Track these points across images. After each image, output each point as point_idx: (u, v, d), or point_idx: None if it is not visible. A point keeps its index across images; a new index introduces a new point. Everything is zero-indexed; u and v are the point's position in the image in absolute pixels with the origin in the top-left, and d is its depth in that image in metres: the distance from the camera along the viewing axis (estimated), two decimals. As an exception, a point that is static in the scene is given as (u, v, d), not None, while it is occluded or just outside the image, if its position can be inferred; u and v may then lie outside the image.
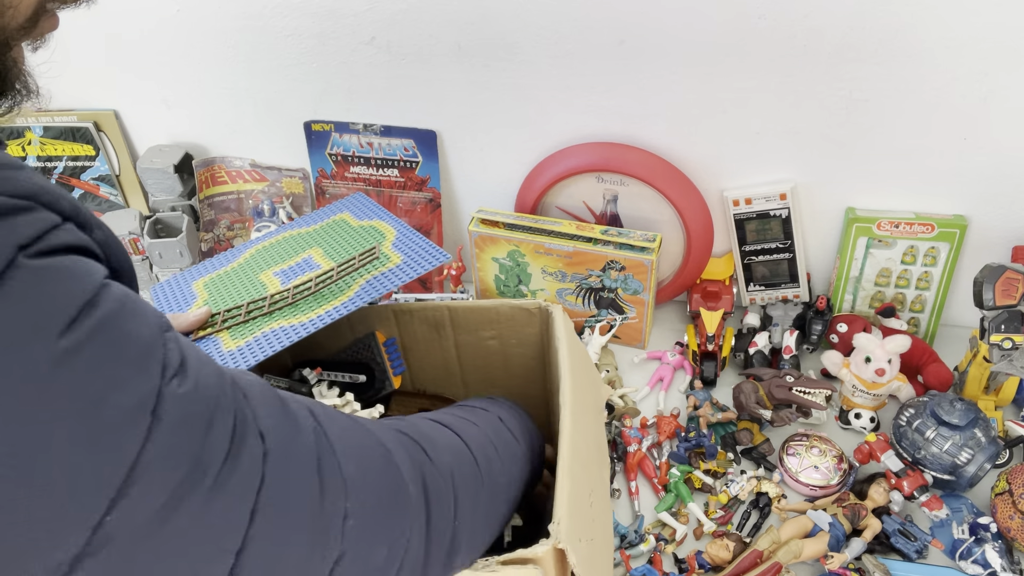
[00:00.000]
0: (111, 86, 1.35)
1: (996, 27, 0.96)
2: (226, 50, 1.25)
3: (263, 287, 0.93)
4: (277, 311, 0.86)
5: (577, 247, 1.20)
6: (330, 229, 1.01)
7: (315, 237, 1.00)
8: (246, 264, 0.99)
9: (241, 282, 0.96)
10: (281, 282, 0.93)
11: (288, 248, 1.00)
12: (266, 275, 0.95)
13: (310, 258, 0.96)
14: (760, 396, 1.09)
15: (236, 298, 0.92)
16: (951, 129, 1.07)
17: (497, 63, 1.16)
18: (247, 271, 0.97)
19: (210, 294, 0.95)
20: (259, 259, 0.99)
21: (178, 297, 0.96)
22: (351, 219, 1.02)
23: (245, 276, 0.97)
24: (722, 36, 1.05)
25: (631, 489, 1.07)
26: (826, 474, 1.03)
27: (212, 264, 1.02)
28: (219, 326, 0.86)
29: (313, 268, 0.93)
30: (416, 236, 0.95)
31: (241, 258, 1.01)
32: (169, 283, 0.99)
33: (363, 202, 1.06)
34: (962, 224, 1.13)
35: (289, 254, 0.98)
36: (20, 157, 1.43)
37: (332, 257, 0.95)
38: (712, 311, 1.24)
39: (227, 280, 0.97)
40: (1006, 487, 0.96)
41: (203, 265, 1.02)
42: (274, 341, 0.81)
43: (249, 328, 0.85)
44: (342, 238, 0.98)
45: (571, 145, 1.23)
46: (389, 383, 0.95)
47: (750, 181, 1.20)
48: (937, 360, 1.15)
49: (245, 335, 0.84)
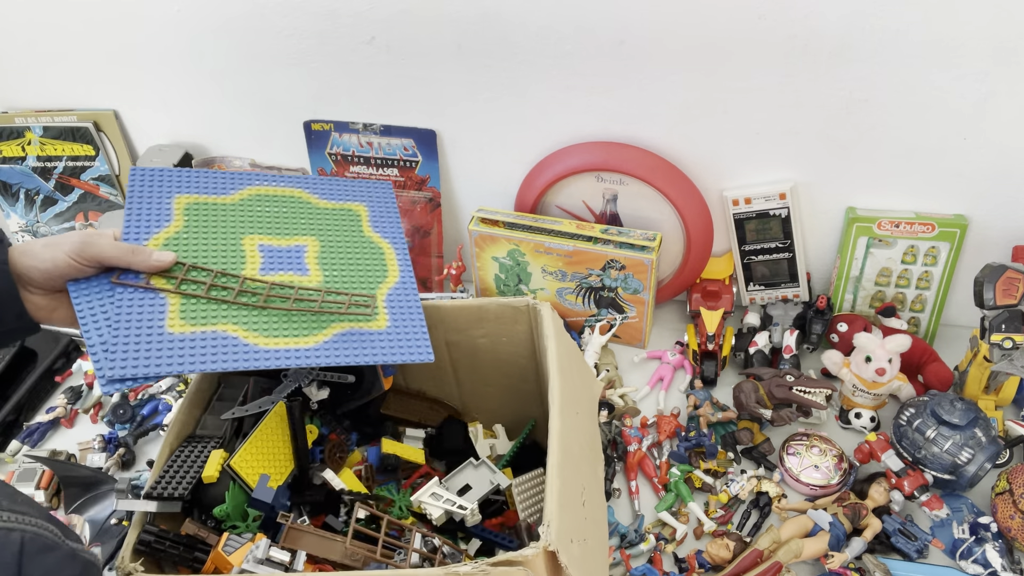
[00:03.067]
0: (111, 86, 1.35)
1: (996, 27, 0.96)
2: (226, 50, 1.25)
3: (241, 259, 0.84)
4: (242, 305, 0.80)
5: (577, 246, 1.20)
6: (338, 222, 0.92)
7: (319, 222, 0.91)
8: (236, 211, 0.88)
9: (223, 238, 0.85)
10: (262, 263, 0.84)
11: (287, 218, 0.90)
12: (250, 243, 0.86)
13: (302, 250, 0.87)
14: (760, 395, 1.09)
15: (210, 256, 0.83)
16: (951, 129, 1.07)
17: (497, 63, 1.16)
18: (233, 226, 0.87)
19: (186, 225, 0.84)
20: (252, 213, 0.88)
21: (153, 211, 0.84)
22: (365, 220, 0.94)
23: (229, 232, 0.86)
24: (722, 36, 1.05)
25: (631, 489, 1.07)
26: (826, 473, 1.03)
27: (203, 181, 0.89)
28: (176, 284, 0.78)
29: (301, 268, 0.86)
30: (413, 297, 0.89)
31: (236, 195, 0.89)
32: (150, 186, 0.86)
33: (385, 203, 0.97)
34: (962, 224, 1.13)
35: (284, 228, 0.89)
36: (20, 157, 1.43)
37: (324, 266, 0.87)
38: (712, 310, 1.24)
39: (210, 220, 0.86)
40: (1006, 487, 0.96)
41: (195, 177, 0.89)
42: (220, 352, 0.75)
43: (204, 311, 0.78)
44: (345, 247, 0.90)
45: (571, 145, 1.23)
46: (379, 385, 0.94)
47: (750, 181, 1.20)
48: (937, 360, 1.15)
49: (196, 321, 0.77)
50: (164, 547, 0.73)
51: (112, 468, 1.14)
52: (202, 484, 0.79)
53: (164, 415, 1.21)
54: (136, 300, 0.76)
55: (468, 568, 0.63)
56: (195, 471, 0.80)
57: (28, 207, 1.49)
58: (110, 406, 1.22)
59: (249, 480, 0.78)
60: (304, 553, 0.72)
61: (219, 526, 0.79)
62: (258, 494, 0.76)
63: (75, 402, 1.26)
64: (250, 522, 0.79)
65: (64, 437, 1.22)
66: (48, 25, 1.28)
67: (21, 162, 1.43)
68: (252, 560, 0.70)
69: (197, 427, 0.88)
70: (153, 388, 1.25)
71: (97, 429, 1.22)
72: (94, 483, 1.08)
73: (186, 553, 0.74)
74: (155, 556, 0.74)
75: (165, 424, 1.20)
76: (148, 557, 0.73)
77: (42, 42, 1.31)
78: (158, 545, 0.73)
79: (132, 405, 1.22)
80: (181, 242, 0.82)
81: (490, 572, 0.62)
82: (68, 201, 1.47)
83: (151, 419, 1.21)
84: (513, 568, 0.63)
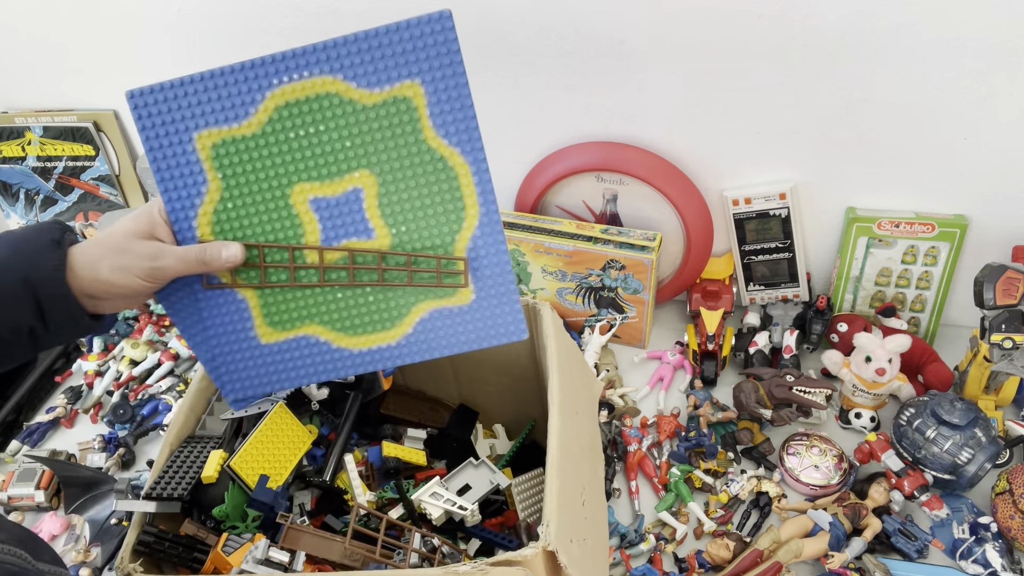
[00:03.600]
0: (111, 86, 1.35)
1: (996, 27, 0.96)
2: (226, 50, 1.25)
3: (298, 224, 0.71)
4: (328, 286, 0.70)
5: (577, 246, 1.20)
6: (391, 128, 0.69)
7: (368, 138, 0.70)
8: (267, 146, 0.71)
9: (267, 197, 0.71)
10: (321, 228, 0.71)
11: (328, 141, 0.70)
12: (299, 197, 0.71)
13: (359, 195, 0.70)
14: (760, 395, 1.09)
15: (263, 227, 0.70)
16: (951, 129, 1.07)
17: (497, 63, 1.16)
18: (273, 175, 0.71)
19: (225, 185, 0.71)
20: (286, 145, 0.70)
21: (181, 167, 0.71)
22: (423, 114, 0.69)
23: (272, 186, 0.71)
24: (722, 36, 1.05)
25: (631, 489, 1.07)
26: (826, 473, 1.03)
27: (216, 100, 0.71)
28: (260, 277, 0.69)
29: (362, 226, 0.70)
30: (500, 247, 0.71)
31: (257, 116, 0.70)
32: (162, 124, 0.72)
33: (448, 70, 0.69)
34: (962, 224, 1.13)
35: (330, 166, 0.70)
36: (20, 157, 1.43)
37: (388, 216, 0.70)
38: (712, 310, 1.24)
39: (245, 168, 0.71)
40: (1006, 487, 0.96)
41: (204, 96, 0.71)
42: (311, 362, 0.70)
43: (285, 310, 0.71)
44: (407, 174, 0.70)
45: (571, 145, 1.23)
46: (379, 384, 0.94)
47: (750, 181, 1.20)
48: (937, 360, 1.15)
49: (280, 324, 0.70)
50: (163, 547, 0.73)
51: (112, 468, 1.14)
52: (201, 484, 0.79)
53: (164, 415, 1.21)
54: (222, 306, 0.72)
55: (467, 568, 0.62)
56: (194, 471, 0.80)
57: (28, 207, 1.49)
58: (110, 406, 1.22)
59: (249, 480, 0.78)
60: (303, 553, 0.72)
61: (218, 526, 0.79)
62: (258, 494, 0.76)
63: (75, 402, 1.26)
64: (249, 522, 0.79)
65: (64, 437, 1.22)
66: (48, 25, 1.28)
67: (21, 162, 1.43)
68: (251, 560, 0.70)
69: (197, 427, 0.88)
70: (153, 388, 1.25)
71: (97, 429, 1.22)
72: (94, 483, 1.08)
73: (185, 553, 0.74)
74: (154, 556, 0.74)
75: (165, 424, 1.20)
76: (147, 557, 0.73)
77: (42, 42, 1.31)
78: (157, 545, 0.73)
79: (132, 405, 1.22)
80: (229, 215, 0.70)
81: (489, 572, 0.62)
82: (68, 201, 1.48)
83: (151, 419, 1.21)
84: (512, 568, 0.63)
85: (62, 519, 1.08)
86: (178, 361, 1.30)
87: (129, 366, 1.29)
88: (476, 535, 0.86)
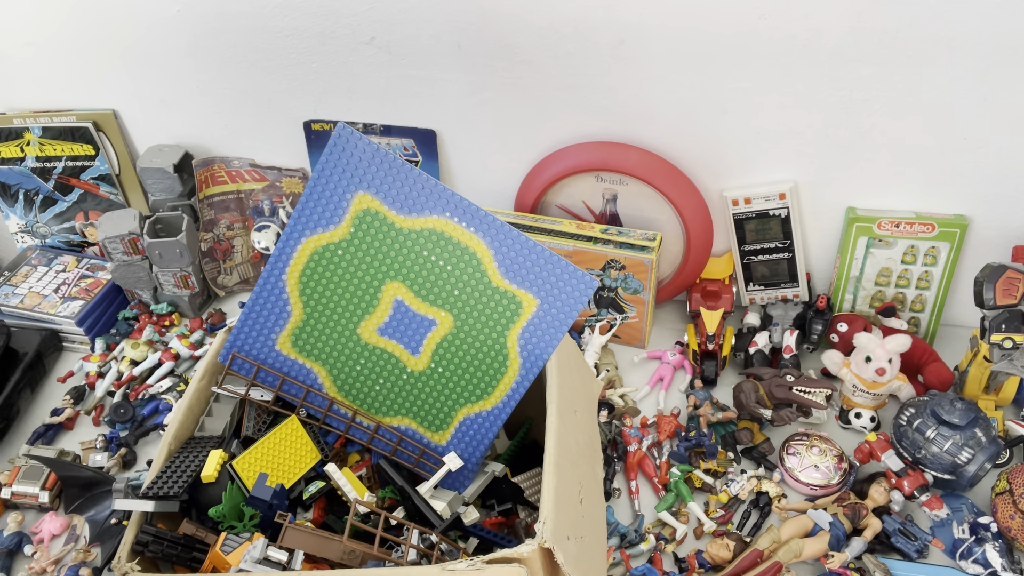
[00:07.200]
0: (111, 86, 1.35)
1: (996, 27, 0.96)
2: (226, 50, 1.25)
3: (371, 304, 0.78)
4: (355, 354, 0.81)
5: (577, 246, 1.20)
6: (493, 313, 0.78)
7: (472, 303, 0.78)
8: (403, 245, 0.77)
9: (369, 272, 0.77)
10: (387, 320, 0.79)
11: (443, 281, 0.77)
12: (388, 291, 0.78)
13: (431, 325, 0.79)
14: (760, 395, 1.09)
15: (347, 286, 0.78)
16: (951, 129, 1.07)
17: (497, 63, 1.16)
18: (389, 263, 0.77)
19: (352, 235, 0.77)
20: (415, 256, 0.77)
21: (331, 199, 0.76)
22: (522, 320, 0.78)
23: (380, 268, 0.78)
24: (722, 36, 1.05)
25: (631, 488, 1.07)
26: (826, 473, 1.03)
27: (395, 186, 0.75)
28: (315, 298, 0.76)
29: (415, 345, 0.79)
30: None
31: (416, 221, 0.76)
32: (345, 161, 0.76)
33: (568, 306, 0.79)
34: (962, 224, 1.13)
35: (432, 292, 0.78)
36: (19, 158, 1.43)
37: (438, 355, 0.81)
38: (712, 310, 1.24)
39: (373, 240, 0.77)
40: (1006, 487, 0.96)
41: (390, 174, 0.76)
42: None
43: (317, 341, 0.82)
44: (474, 347, 0.79)
45: (571, 144, 1.23)
46: None
47: (750, 181, 1.20)
48: (937, 360, 1.15)
49: (302, 350, 0.81)
50: (162, 547, 0.73)
51: (113, 468, 1.14)
52: (201, 484, 0.79)
53: (164, 415, 1.21)
54: (272, 300, 0.81)
55: (464, 565, 0.62)
56: (193, 471, 0.80)
57: (27, 207, 1.49)
58: (111, 406, 1.22)
59: (248, 482, 0.78)
60: (302, 552, 0.72)
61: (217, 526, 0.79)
62: (256, 492, 0.76)
63: (78, 403, 1.25)
64: (247, 521, 0.79)
65: (65, 437, 1.22)
66: (48, 25, 1.28)
67: (20, 163, 1.43)
68: (249, 560, 0.70)
69: (196, 428, 0.88)
70: (153, 388, 1.25)
71: (97, 430, 1.22)
72: (94, 483, 1.08)
73: (184, 553, 0.74)
74: (153, 556, 0.73)
75: (165, 424, 1.20)
76: (145, 557, 0.73)
77: (42, 42, 1.31)
78: (156, 545, 0.73)
79: (132, 405, 1.22)
80: (335, 254, 0.77)
81: (486, 569, 0.62)
82: (68, 201, 1.47)
83: (151, 419, 1.21)
84: (509, 565, 0.63)
85: (62, 519, 1.08)
86: (178, 361, 1.30)
87: (129, 366, 1.29)
88: (474, 534, 0.86)
